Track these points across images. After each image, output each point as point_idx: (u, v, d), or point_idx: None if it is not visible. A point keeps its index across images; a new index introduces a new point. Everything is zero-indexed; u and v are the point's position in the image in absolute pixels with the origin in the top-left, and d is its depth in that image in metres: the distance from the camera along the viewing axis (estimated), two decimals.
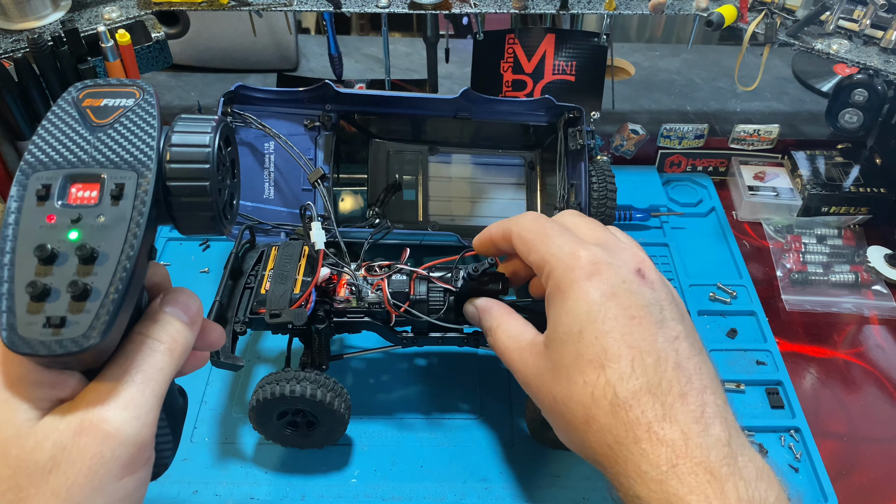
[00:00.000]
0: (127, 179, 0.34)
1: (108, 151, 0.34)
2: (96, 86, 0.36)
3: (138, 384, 0.34)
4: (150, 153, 0.34)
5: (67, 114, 0.35)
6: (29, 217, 0.33)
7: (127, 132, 0.35)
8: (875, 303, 0.94)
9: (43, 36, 0.83)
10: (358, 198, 0.97)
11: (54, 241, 0.32)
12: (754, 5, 0.95)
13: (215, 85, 1.28)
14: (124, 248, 0.32)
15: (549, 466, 0.76)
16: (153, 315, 0.37)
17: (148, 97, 0.36)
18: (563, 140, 0.89)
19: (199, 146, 0.35)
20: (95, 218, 0.33)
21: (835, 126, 0.98)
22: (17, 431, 0.32)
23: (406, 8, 0.92)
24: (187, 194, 0.35)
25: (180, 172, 0.35)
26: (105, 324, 0.32)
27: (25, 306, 0.31)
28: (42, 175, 0.33)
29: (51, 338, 0.31)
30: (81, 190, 0.33)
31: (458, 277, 0.73)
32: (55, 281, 0.32)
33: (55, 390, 0.34)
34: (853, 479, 0.76)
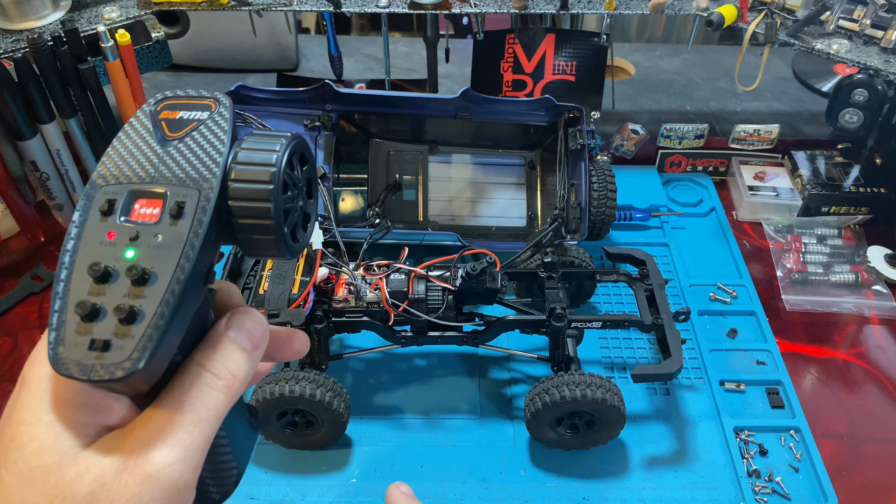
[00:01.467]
0: (188, 197, 0.32)
1: (175, 167, 0.32)
2: (175, 97, 0.35)
3: (188, 425, 0.33)
4: (214, 170, 0.32)
5: (143, 126, 0.34)
6: (91, 233, 0.31)
7: (196, 147, 0.33)
8: (875, 303, 0.94)
9: (43, 36, 0.83)
10: (358, 198, 0.97)
11: (110, 260, 0.31)
12: (754, 5, 0.95)
13: (215, 85, 1.28)
14: (175, 271, 0.30)
15: (549, 466, 0.76)
16: (215, 341, 0.35)
17: (223, 110, 0.34)
18: (564, 140, 0.89)
19: (265, 165, 0.33)
20: (153, 237, 0.31)
21: (835, 126, 0.98)
22: (59, 459, 0.31)
23: (406, 8, 0.92)
24: (249, 216, 0.33)
25: (243, 192, 0.32)
26: (148, 351, 0.30)
27: (75, 326, 0.30)
28: (109, 189, 0.32)
29: (93, 362, 0.29)
30: (145, 206, 0.32)
31: (456, 276, 0.73)
32: (106, 301, 0.30)
33: (101, 415, 0.33)
34: (853, 479, 0.76)
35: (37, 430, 0.31)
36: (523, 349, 0.83)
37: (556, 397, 0.69)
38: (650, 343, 0.89)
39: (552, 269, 0.80)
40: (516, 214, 0.97)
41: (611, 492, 0.74)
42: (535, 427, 0.74)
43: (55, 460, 0.31)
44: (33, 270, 0.96)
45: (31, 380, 0.33)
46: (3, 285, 0.95)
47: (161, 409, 0.33)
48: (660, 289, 0.79)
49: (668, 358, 0.73)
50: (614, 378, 0.84)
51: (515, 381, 0.84)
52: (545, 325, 0.76)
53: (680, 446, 0.78)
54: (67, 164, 0.93)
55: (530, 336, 0.81)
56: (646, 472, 0.76)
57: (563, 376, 0.71)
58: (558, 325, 0.74)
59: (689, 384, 0.84)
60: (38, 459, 0.31)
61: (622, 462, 0.76)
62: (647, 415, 0.81)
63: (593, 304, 0.93)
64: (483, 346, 0.78)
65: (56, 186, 0.94)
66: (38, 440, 0.31)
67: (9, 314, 0.92)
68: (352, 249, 0.79)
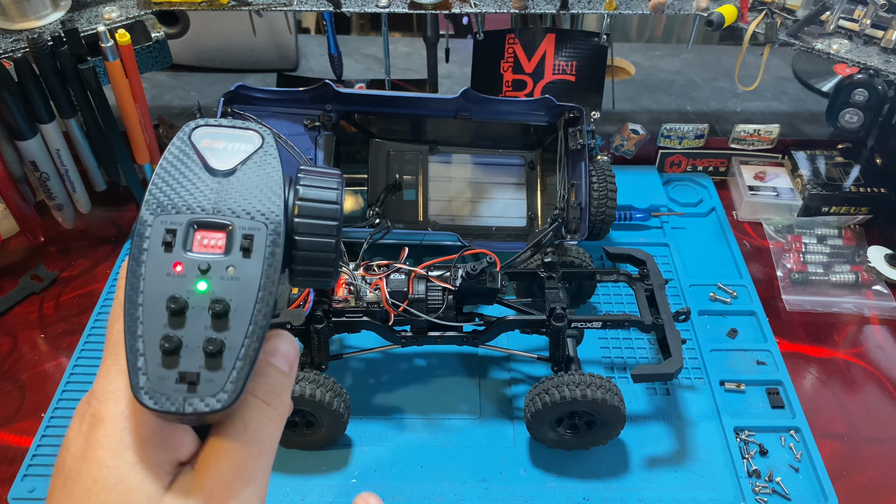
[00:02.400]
0: (256, 231, 0.32)
1: (233, 199, 0.33)
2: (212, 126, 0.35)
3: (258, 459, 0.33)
4: (278, 205, 0.33)
5: (186, 154, 0.34)
6: (156, 263, 0.31)
7: (251, 180, 0.33)
8: (875, 303, 0.94)
9: (43, 36, 0.83)
10: (358, 198, 0.97)
11: (183, 292, 0.31)
12: (754, 5, 0.95)
13: (215, 85, 1.28)
14: (257, 304, 0.31)
15: (549, 466, 0.76)
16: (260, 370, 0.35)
17: (269, 144, 0.35)
18: (564, 140, 0.89)
19: (328, 202, 0.34)
20: (225, 269, 0.31)
21: (835, 126, 0.98)
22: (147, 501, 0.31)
23: (406, 8, 0.92)
24: (314, 249, 0.34)
25: (309, 227, 0.33)
26: (240, 382, 0.30)
27: (159, 360, 0.30)
28: (167, 219, 0.32)
29: (185, 395, 0.30)
30: (207, 237, 0.32)
31: (456, 276, 0.73)
32: (186, 335, 0.30)
33: (175, 452, 0.33)
34: (853, 479, 0.76)
35: (122, 473, 0.31)
36: (523, 349, 0.83)
37: (557, 397, 0.69)
38: (650, 343, 0.89)
39: (552, 269, 0.80)
40: (516, 214, 0.97)
41: (611, 492, 0.74)
42: (535, 427, 0.74)
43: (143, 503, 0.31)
44: (33, 270, 0.96)
45: (107, 419, 0.32)
46: (2, 285, 0.95)
47: (228, 442, 0.33)
48: (660, 289, 0.79)
49: (669, 358, 0.73)
50: (614, 378, 0.84)
51: (515, 381, 0.84)
52: (545, 325, 0.76)
53: (680, 446, 0.78)
54: (67, 164, 0.93)
55: (530, 336, 0.81)
56: (646, 472, 0.76)
57: (563, 376, 0.71)
58: (558, 325, 0.74)
59: (690, 384, 0.84)
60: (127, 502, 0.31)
61: (622, 462, 0.76)
62: (648, 415, 0.81)
63: (593, 304, 0.93)
64: (483, 346, 0.78)
65: (56, 186, 0.94)
66: (124, 483, 0.31)
67: (8, 314, 0.92)
68: (352, 249, 0.79)
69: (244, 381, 0.31)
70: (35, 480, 0.74)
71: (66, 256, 1.00)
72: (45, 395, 0.82)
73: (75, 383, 0.83)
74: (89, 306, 0.92)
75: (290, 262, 0.34)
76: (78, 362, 0.85)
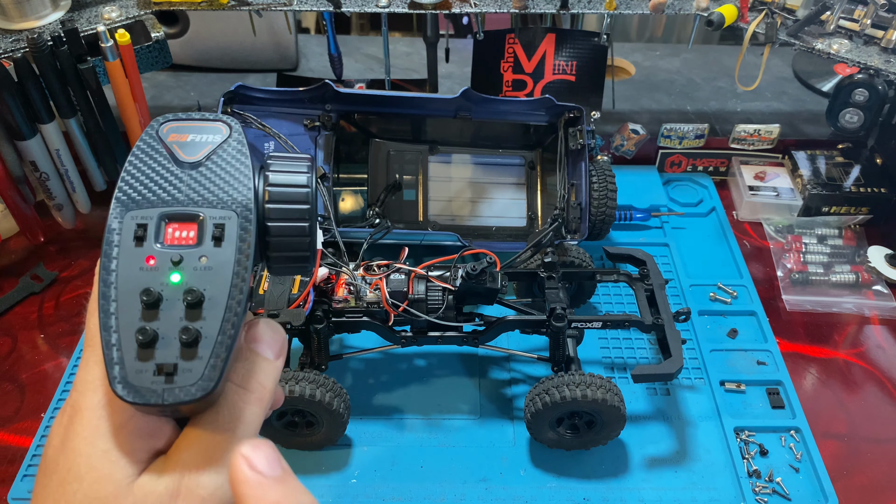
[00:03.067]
0: (227, 220, 0.32)
1: (203, 190, 0.33)
2: (179, 119, 0.35)
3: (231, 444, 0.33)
4: (247, 193, 0.33)
5: (154, 149, 0.34)
6: (128, 258, 0.31)
7: (220, 170, 0.33)
8: (875, 303, 0.94)
9: (42, 36, 0.83)
10: (358, 198, 0.97)
11: (157, 285, 0.31)
12: (755, 5, 0.95)
13: (215, 85, 1.28)
14: (232, 292, 0.31)
15: (549, 466, 0.76)
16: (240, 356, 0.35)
17: (237, 134, 0.35)
18: (564, 140, 0.89)
19: (299, 186, 0.34)
20: (198, 259, 0.31)
21: (835, 126, 0.98)
22: (116, 489, 0.31)
23: (406, 8, 0.92)
24: (287, 234, 0.34)
25: (281, 213, 0.34)
26: (219, 371, 0.30)
27: (135, 353, 0.30)
28: (136, 214, 0.32)
29: (163, 386, 0.30)
30: (178, 230, 0.32)
31: (456, 276, 0.73)
32: (161, 326, 0.31)
33: (153, 440, 0.33)
34: (853, 479, 0.76)
35: (94, 461, 0.31)
36: (523, 349, 0.83)
37: (557, 397, 0.69)
38: (650, 343, 0.89)
39: (552, 269, 0.80)
40: (516, 214, 0.97)
41: (611, 492, 0.74)
42: (535, 427, 0.74)
43: (112, 491, 0.31)
44: (33, 270, 0.96)
45: (84, 408, 0.32)
46: (2, 285, 0.95)
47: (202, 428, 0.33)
48: (660, 289, 0.79)
49: (669, 358, 0.73)
50: (614, 378, 0.84)
51: (515, 381, 0.84)
52: (545, 325, 0.75)
53: (680, 446, 0.78)
54: (67, 164, 0.93)
55: (530, 336, 0.81)
56: (646, 473, 0.76)
57: (564, 376, 0.71)
58: (558, 325, 0.74)
59: (690, 384, 0.84)
60: (97, 491, 0.31)
61: (622, 462, 0.76)
62: (648, 415, 0.81)
63: (593, 304, 0.93)
64: (483, 346, 0.78)
65: (56, 186, 0.94)
66: (95, 471, 0.31)
67: (8, 314, 0.92)
68: (352, 249, 0.79)
69: (222, 370, 0.31)
70: (35, 480, 0.74)
71: (66, 256, 1.00)
72: (44, 395, 0.82)
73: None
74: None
75: (265, 250, 0.34)
76: (78, 362, 0.85)
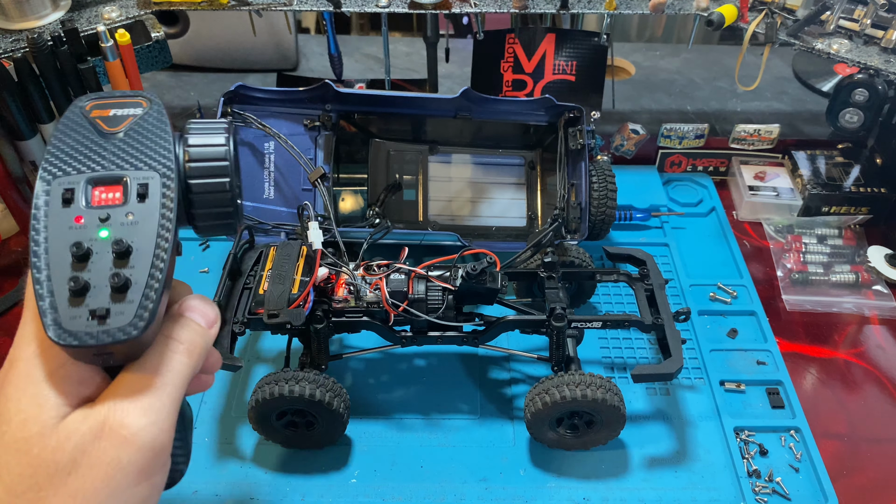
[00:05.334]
0: (150, 179, 0.35)
1: (126, 156, 0.35)
2: (101, 97, 0.37)
3: (157, 388, 0.35)
4: (168, 154, 0.36)
5: (77, 124, 0.36)
6: (56, 219, 0.34)
7: (141, 137, 0.36)
8: (875, 303, 0.94)
9: (42, 36, 0.83)
10: (358, 198, 0.97)
11: (86, 239, 0.33)
12: (755, 5, 0.95)
13: (215, 85, 1.28)
14: (158, 241, 0.34)
15: (549, 466, 0.76)
16: (174, 317, 0.38)
17: (157, 106, 0.37)
18: (564, 140, 0.89)
19: (216, 145, 0.37)
20: (125, 216, 0.34)
21: (835, 126, 0.98)
22: (41, 429, 0.33)
23: (406, 8, 0.92)
24: (208, 191, 0.36)
25: (200, 171, 0.36)
26: (149, 312, 0.33)
27: (67, 301, 0.32)
28: (64, 180, 0.34)
29: (96, 328, 0.32)
30: (105, 192, 0.35)
31: (456, 276, 0.73)
32: (92, 276, 0.33)
33: (83, 387, 0.35)
34: (853, 479, 0.76)
35: (22, 404, 0.33)
36: (523, 349, 0.83)
37: (557, 397, 0.69)
38: (650, 343, 0.89)
39: (552, 269, 0.80)
40: (516, 214, 0.97)
41: (611, 492, 0.74)
42: (535, 427, 0.74)
43: (37, 431, 0.33)
44: None
45: (18, 359, 0.35)
46: (2, 285, 0.95)
47: (130, 373, 0.35)
48: (660, 289, 0.79)
49: (669, 358, 0.73)
50: (614, 378, 0.84)
51: (515, 381, 0.84)
52: (545, 325, 0.75)
53: (680, 446, 0.78)
54: None
55: (530, 336, 0.81)
56: (646, 473, 0.76)
57: (563, 376, 0.71)
58: (558, 325, 0.74)
59: (690, 384, 0.84)
60: (23, 431, 0.33)
61: (622, 462, 0.76)
62: (648, 415, 0.81)
63: (593, 304, 0.93)
64: (483, 346, 0.78)
65: None
66: (22, 413, 0.33)
67: (8, 314, 0.92)
68: (352, 249, 0.79)
69: (153, 311, 0.33)
70: None
71: None
72: None
73: None
74: None
75: (189, 208, 0.37)
76: None
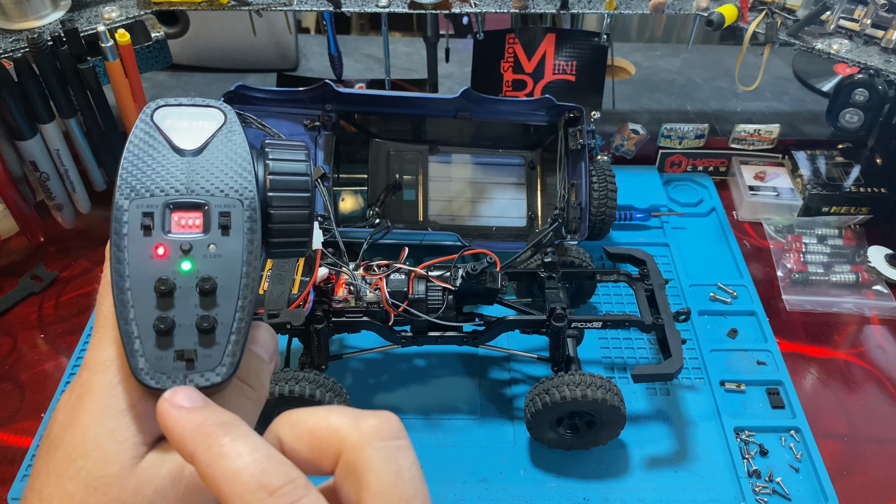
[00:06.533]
0: (232, 208, 0.33)
1: (204, 179, 0.33)
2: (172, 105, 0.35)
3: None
4: (248, 177, 0.34)
5: (151, 136, 0.34)
6: (138, 247, 0.32)
7: (219, 157, 0.34)
8: (876, 303, 0.94)
9: (42, 36, 0.83)
10: (358, 198, 0.97)
11: (170, 273, 0.32)
12: (755, 5, 0.95)
13: (215, 85, 1.28)
14: (243, 279, 0.32)
15: (549, 466, 0.76)
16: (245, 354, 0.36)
17: (232, 121, 0.35)
18: (564, 140, 0.89)
19: (298, 174, 0.35)
20: (207, 248, 0.32)
21: (835, 126, 0.98)
22: (120, 470, 0.31)
23: (406, 8, 0.92)
24: (289, 221, 0.35)
25: (282, 200, 0.34)
26: (235, 356, 0.32)
27: (154, 342, 0.31)
28: (142, 203, 0.32)
29: (184, 372, 0.31)
30: (184, 218, 0.33)
31: (456, 276, 0.73)
32: (177, 314, 0.31)
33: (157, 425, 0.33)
34: (854, 479, 0.76)
35: (101, 440, 0.32)
36: (523, 349, 0.83)
37: (557, 397, 0.69)
38: (650, 343, 0.89)
39: (552, 269, 0.80)
40: (516, 214, 0.97)
41: (611, 492, 0.74)
42: (535, 427, 0.74)
43: (116, 471, 0.31)
44: (33, 270, 0.96)
45: (95, 387, 0.33)
46: (2, 285, 0.95)
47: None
48: (660, 289, 0.79)
49: (669, 358, 0.73)
50: (614, 378, 0.84)
51: (515, 381, 0.84)
52: (545, 325, 0.75)
53: (680, 446, 0.78)
54: (67, 164, 0.93)
55: (530, 336, 0.81)
56: (646, 473, 0.76)
57: (564, 376, 0.71)
58: (558, 325, 0.74)
59: (690, 384, 0.84)
60: (101, 469, 0.31)
61: (622, 462, 0.76)
62: (648, 415, 0.81)
63: (593, 304, 0.93)
64: (483, 346, 0.78)
65: (56, 186, 0.94)
66: (101, 450, 0.32)
67: (8, 314, 0.92)
68: (352, 249, 0.79)
69: (240, 354, 0.32)
70: (36, 457, 0.74)
71: (66, 256, 0.99)
72: (44, 395, 0.82)
73: None
74: (89, 306, 0.92)
75: (266, 236, 0.35)
76: (78, 362, 0.85)
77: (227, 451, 0.29)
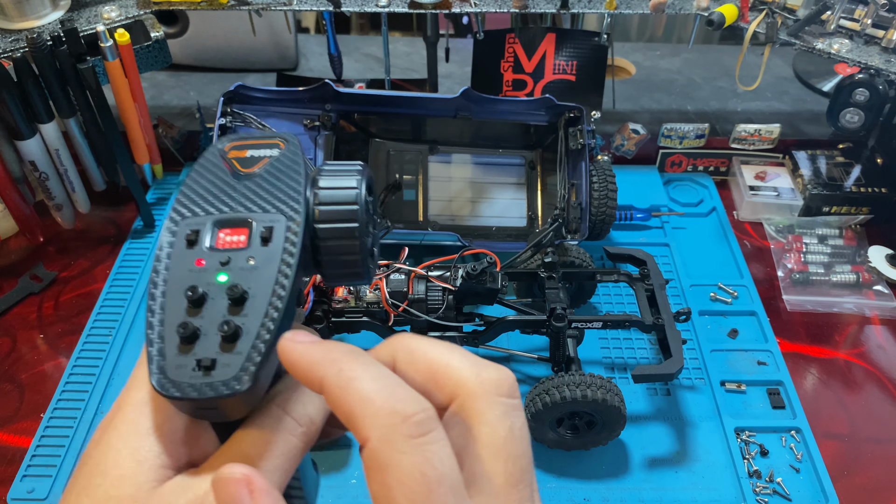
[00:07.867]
0: (276, 223, 0.33)
1: (255, 197, 0.34)
2: (241, 139, 0.36)
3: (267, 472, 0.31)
4: (297, 197, 0.34)
5: (214, 164, 0.35)
6: (178, 261, 0.32)
7: (273, 179, 0.35)
8: (876, 303, 0.94)
9: (42, 35, 0.82)
10: None
11: (203, 284, 0.32)
12: (755, 5, 0.94)
13: (215, 85, 1.28)
14: (274, 288, 0.31)
15: (549, 467, 0.76)
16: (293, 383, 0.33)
17: (293, 147, 0.36)
18: (564, 140, 0.88)
19: (346, 188, 0.35)
20: (245, 261, 0.32)
21: (836, 126, 0.98)
22: (136, 492, 0.30)
23: (406, 7, 0.92)
24: (336, 237, 0.34)
25: (329, 214, 0.34)
26: (256, 366, 0.30)
27: (176, 348, 0.30)
28: (192, 221, 0.33)
29: (201, 380, 0.30)
30: (230, 235, 0.33)
31: (456, 276, 0.73)
32: (205, 323, 0.31)
33: (187, 448, 0.32)
34: (854, 480, 0.76)
35: (121, 458, 0.31)
36: (523, 349, 0.83)
37: (557, 398, 0.69)
38: (651, 343, 0.89)
39: (552, 269, 0.79)
40: (516, 214, 0.97)
41: (611, 492, 0.74)
42: (535, 428, 0.74)
43: (132, 493, 0.30)
44: (32, 270, 0.96)
45: (126, 403, 0.32)
46: (2, 285, 0.95)
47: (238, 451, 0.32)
48: (660, 289, 0.79)
49: (669, 358, 0.73)
50: (615, 378, 0.84)
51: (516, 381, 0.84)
52: (545, 325, 0.75)
53: (680, 447, 0.78)
54: (66, 164, 0.93)
55: (530, 336, 0.81)
56: (646, 473, 0.75)
57: (564, 377, 0.71)
58: (559, 325, 0.74)
59: (690, 384, 0.84)
60: (116, 489, 0.30)
61: (622, 462, 0.76)
62: (648, 415, 0.81)
63: (594, 304, 0.93)
64: (483, 346, 0.78)
65: (55, 186, 0.94)
66: (120, 469, 0.31)
67: (8, 314, 0.92)
68: None
69: (259, 367, 0.30)
70: (34, 481, 0.74)
71: (66, 256, 0.99)
72: (44, 395, 0.82)
73: (74, 383, 0.83)
74: (88, 306, 0.92)
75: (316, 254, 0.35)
76: (77, 362, 0.85)
77: (358, 374, 0.28)
